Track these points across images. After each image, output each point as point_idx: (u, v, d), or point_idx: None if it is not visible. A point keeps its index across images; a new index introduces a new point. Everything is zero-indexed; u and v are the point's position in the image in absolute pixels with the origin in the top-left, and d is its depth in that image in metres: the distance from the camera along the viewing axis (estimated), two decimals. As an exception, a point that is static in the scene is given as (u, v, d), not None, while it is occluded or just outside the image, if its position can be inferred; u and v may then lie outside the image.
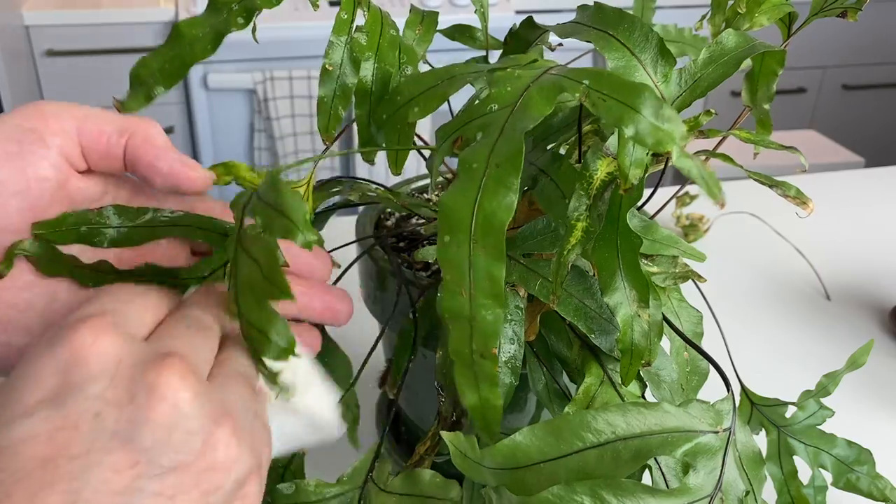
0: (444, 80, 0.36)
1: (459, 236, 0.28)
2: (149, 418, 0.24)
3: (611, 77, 0.28)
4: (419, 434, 0.56)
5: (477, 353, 0.29)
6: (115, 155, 0.33)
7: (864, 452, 0.46)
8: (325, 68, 0.39)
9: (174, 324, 0.29)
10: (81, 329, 0.25)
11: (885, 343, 0.76)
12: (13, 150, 0.30)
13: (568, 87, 0.29)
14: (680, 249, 0.39)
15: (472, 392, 0.30)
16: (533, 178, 0.36)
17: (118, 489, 0.24)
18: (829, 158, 1.80)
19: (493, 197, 0.27)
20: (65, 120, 0.32)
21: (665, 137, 0.26)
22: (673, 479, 0.35)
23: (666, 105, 0.27)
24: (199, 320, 0.30)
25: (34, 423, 0.24)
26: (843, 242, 0.93)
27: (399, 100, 0.38)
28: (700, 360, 0.41)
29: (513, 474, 0.30)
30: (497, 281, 0.28)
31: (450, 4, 2.09)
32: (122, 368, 0.25)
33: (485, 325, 0.28)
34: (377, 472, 0.38)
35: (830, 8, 0.41)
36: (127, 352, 0.26)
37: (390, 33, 0.41)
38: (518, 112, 0.29)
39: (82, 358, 0.25)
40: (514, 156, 0.28)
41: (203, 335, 0.29)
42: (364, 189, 0.46)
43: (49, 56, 1.97)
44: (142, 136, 0.33)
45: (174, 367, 0.25)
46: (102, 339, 0.25)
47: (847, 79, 2.59)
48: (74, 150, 0.32)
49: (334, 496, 0.38)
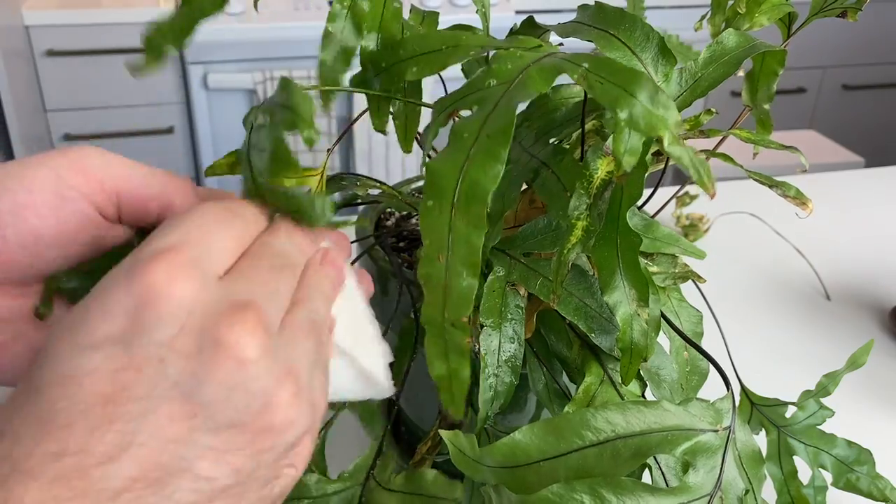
0: (448, 47, 0.36)
1: (443, 202, 0.28)
2: (211, 374, 0.25)
3: (610, 62, 0.28)
4: (419, 434, 0.56)
5: (448, 321, 0.29)
6: (150, 218, 0.33)
7: (864, 452, 0.46)
8: (328, 31, 0.39)
9: (256, 261, 0.28)
10: (159, 266, 0.25)
11: (885, 343, 0.76)
12: (55, 206, 0.30)
13: (567, 69, 0.29)
14: (680, 248, 0.39)
15: (441, 362, 0.30)
16: (534, 171, 0.36)
17: (172, 437, 0.24)
18: (829, 158, 1.80)
19: (480, 166, 0.28)
20: (107, 179, 0.32)
21: (658, 122, 0.26)
22: (673, 478, 0.35)
23: (662, 91, 0.27)
24: (282, 254, 0.29)
25: (100, 359, 0.24)
26: (843, 242, 0.93)
27: (401, 53, 0.37)
28: (700, 360, 0.41)
29: (512, 473, 0.30)
30: (475, 249, 0.28)
31: (450, 4, 2.09)
32: (193, 317, 0.25)
33: (458, 291, 0.28)
34: (379, 469, 0.38)
35: (830, 8, 0.41)
36: (202, 298, 0.25)
37: (394, 6, 0.40)
38: (515, 89, 0.29)
39: (155, 300, 0.25)
40: (505, 128, 0.28)
41: (284, 276, 0.29)
42: (369, 185, 0.46)
43: (49, 56, 1.97)
44: (179, 206, 0.33)
45: (247, 324, 0.25)
46: (178, 281, 0.25)
47: (847, 79, 2.59)
48: (112, 207, 0.32)
49: (335, 492, 0.38)
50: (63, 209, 0.30)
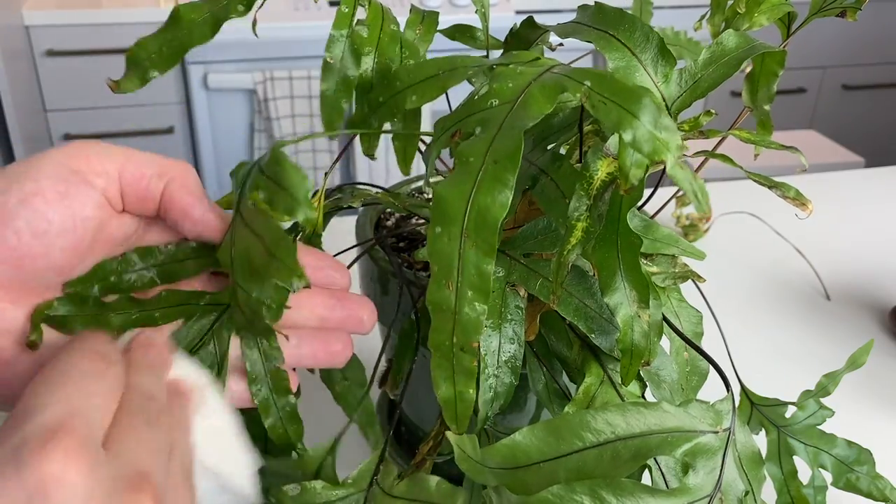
0: (445, 71, 0.36)
1: (451, 229, 0.28)
2: None
3: (613, 80, 0.28)
4: (419, 434, 0.56)
5: (457, 346, 0.29)
6: (153, 198, 0.34)
7: (864, 452, 0.46)
8: (327, 62, 0.39)
9: (132, 417, 0.28)
10: (50, 453, 0.25)
11: (885, 343, 0.76)
12: (62, 191, 0.31)
13: (569, 87, 0.29)
14: (680, 248, 0.39)
15: (448, 384, 0.30)
16: (533, 178, 0.36)
17: None
18: (828, 158, 1.80)
19: (489, 193, 0.27)
20: (107, 161, 0.32)
21: (661, 147, 0.27)
22: (672, 479, 0.35)
23: (664, 113, 0.27)
24: (150, 398, 0.29)
25: None
26: (843, 242, 0.93)
27: (398, 84, 0.38)
28: (700, 360, 0.41)
29: (512, 474, 0.30)
30: (485, 277, 0.28)
31: (450, 4, 2.09)
32: (93, 502, 0.25)
33: (468, 319, 0.28)
34: (382, 475, 0.38)
35: (830, 8, 0.41)
36: (96, 477, 0.25)
37: (391, 28, 0.41)
38: (518, 109, 0.29)
39: (51, 491, 0.24)
40: (513, 153, 0.28)
41: (161, 428, 0.29)
42: (364, 194, 0.46)
43: (49, 56, 1.97)
44: (180, 181, 0.34)
45: (146, 498, 0.26)
46: (72, 467, 0.25)
47: (847, 79, 2.59)
48: (115, 191, 0.33)
49: (339, 499, 0.38)
50: (69, 193, 0.31)
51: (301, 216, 0.26)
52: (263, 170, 0.29)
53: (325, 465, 0.39)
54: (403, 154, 0.41)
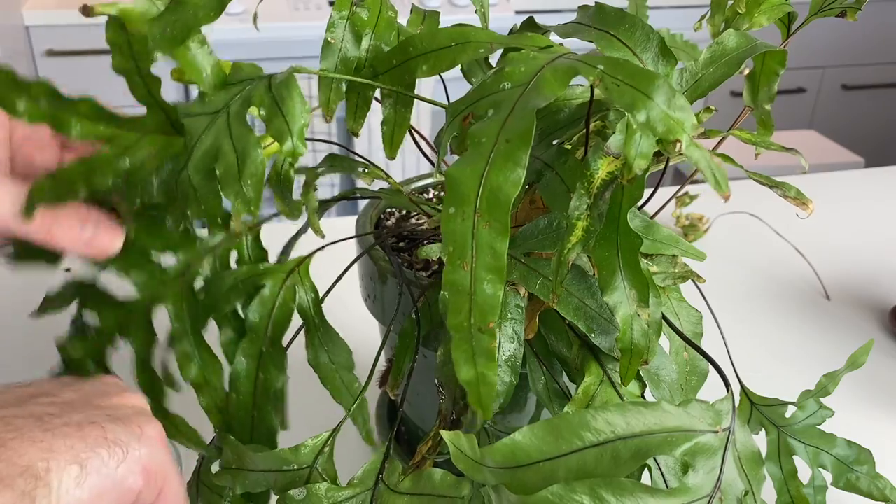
0: (458, 43, 0.36)
1: (465, 208, 0.28)
2: None
3: (626, 64, 0.28)
4: (419, 434, 0.56)
5: (475, 326, 0.29)
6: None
7: (864, 452, 0.46)
8: (328, 41, 0.39)
9: None
10: None
11: (885, 343, 0.76)
12: None
13: (583, 71, 0.29)
14: (680, 249, 0.39)
15: (469, 366, 0.30)
16: (537, 173, 0.35)
17: None
18: (828, 158, 1.80)
19: (501, 171, 0.27)
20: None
21: (676, 125, 0.26)
22: (672, 479, 0.35)
23: (679, 94, 0.27)
24: None
25: None
26: (842, 242, 0.93)
27: (411, 51, 0.37)
28: (700, 360, 0.41)
29: (512, 473, 0.30)
30: (500, 255, 0.28)
31: (450, 4, 2.09)
32: None
33: (484, 298, 0.28)
34: (388, 472, 0.38)
35: (830, 8, 0.41)
36: None
37: (388, 14, 0.41)
38: (531, 91, 0.29)
39: None
40: (525, 132, 0.28)
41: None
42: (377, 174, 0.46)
43: (49, 56, 1.97)
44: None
45: None
46: None
47: (847, 79, 2.59)
48: None
49: (346, 499, 0.37)
50: None
51: (288, 146, 0.26)
52: (272, 88, 0.28)
53: (322, 454, 0.39)
54: (391, 139, 0.41)
